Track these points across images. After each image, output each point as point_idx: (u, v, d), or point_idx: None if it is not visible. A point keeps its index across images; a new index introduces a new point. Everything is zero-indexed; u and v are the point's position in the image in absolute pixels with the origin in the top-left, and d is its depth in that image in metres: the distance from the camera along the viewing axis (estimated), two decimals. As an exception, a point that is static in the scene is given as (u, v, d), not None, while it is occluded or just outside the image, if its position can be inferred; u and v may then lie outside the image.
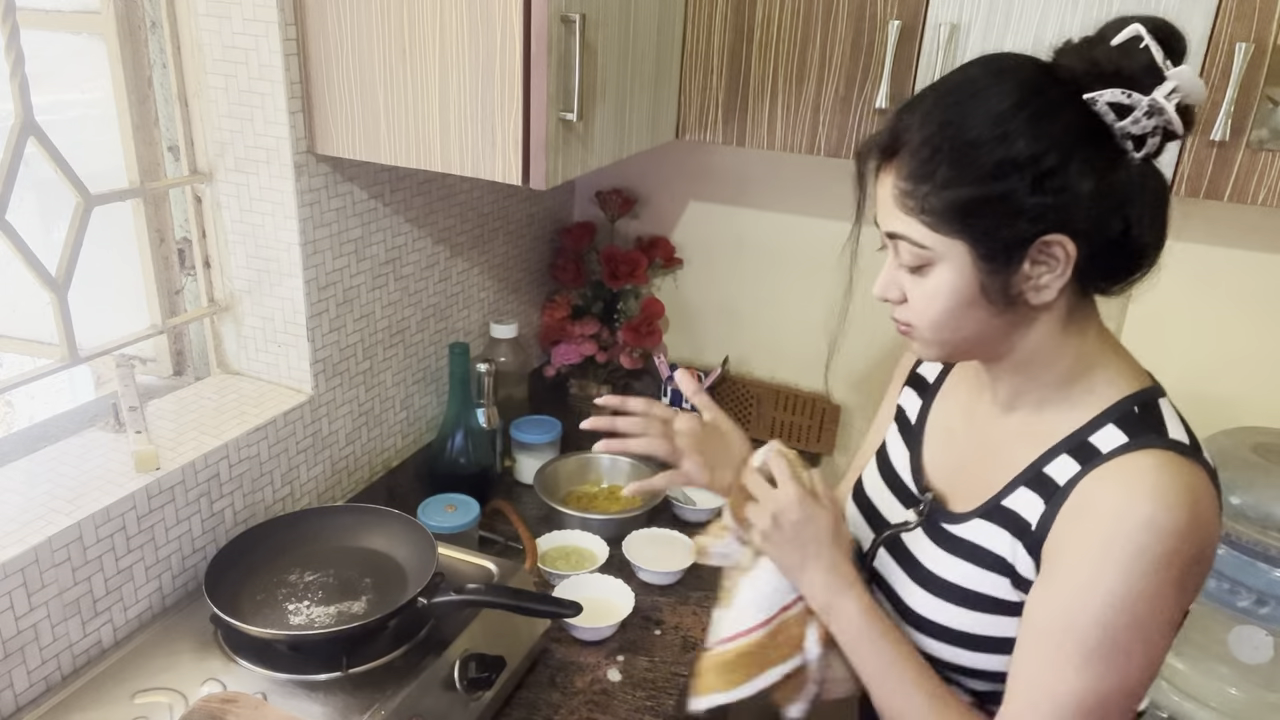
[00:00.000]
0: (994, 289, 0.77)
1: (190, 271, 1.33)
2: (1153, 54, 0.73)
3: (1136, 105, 0.72)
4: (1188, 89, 0.73)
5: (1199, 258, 1.49)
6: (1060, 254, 0.75)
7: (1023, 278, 0.76)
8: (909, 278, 0.80)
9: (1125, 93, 0.72)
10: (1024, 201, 0.73)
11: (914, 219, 0.77)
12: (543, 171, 1.12)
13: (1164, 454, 0.75)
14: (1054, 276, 0.76)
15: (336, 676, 1.03)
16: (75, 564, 1.03)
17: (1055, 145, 0.72)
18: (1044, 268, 0.76)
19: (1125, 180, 0.74)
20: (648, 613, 1.34)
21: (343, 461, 1.42)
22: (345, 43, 1.15)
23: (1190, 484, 0.73)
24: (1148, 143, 0.74)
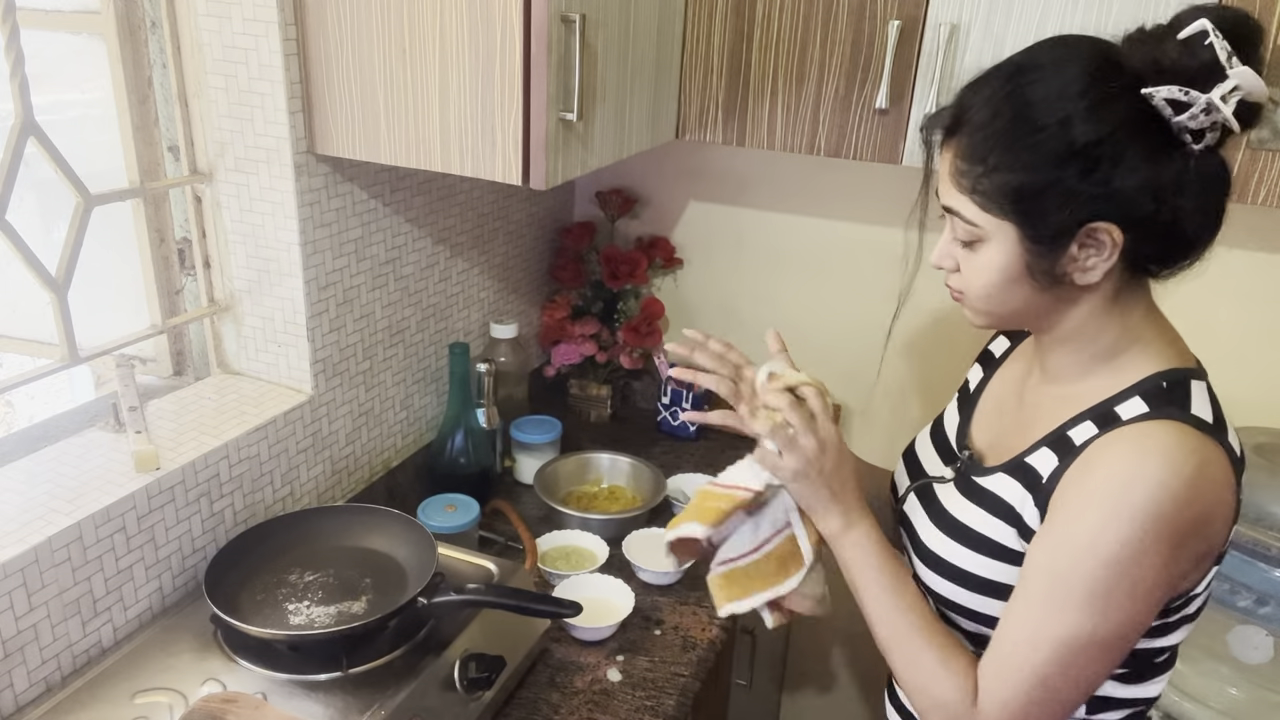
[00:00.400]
0: (1039, 269, 0.79)
1: (190, 271, 1.33)
2: (1216, 51, 0.73)
3: (1194, 102, 0.72)
4: (1248, 88, 0.73)
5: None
6: (1107, 240, 0.76)
7: (1069, 259, 0.78)
8: (961, 250, 0.83)
9: (1183, 90, 0.72)
10: (1073, 189, 0.74)
11: (967, 197, 0.79)
12: (543, 171, 1.12)
13: (1179, 425, 0.76)
14: (1100, 260, 0.78)
15: (336, 676, 1.03)
16: (75, 564, 1.03)
17: (1109, 137, 0.73)
18: (1090, 251, 0.77)
19: (1178, 172, 0.74)
20: (648, 613, 1.34)
21: (343, 461, 1.42)
22: (345, 43, 1.15)
23: (1200, 455, 0.75)
24: (1206, 136, 0.74)
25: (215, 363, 1.37)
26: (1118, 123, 0.73)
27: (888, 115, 1.37)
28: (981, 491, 0.89)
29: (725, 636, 1.33)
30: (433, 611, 1.09)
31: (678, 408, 1.85)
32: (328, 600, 1.11)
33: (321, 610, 1.09)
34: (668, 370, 1.85)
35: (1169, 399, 0.79)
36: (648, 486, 1.60)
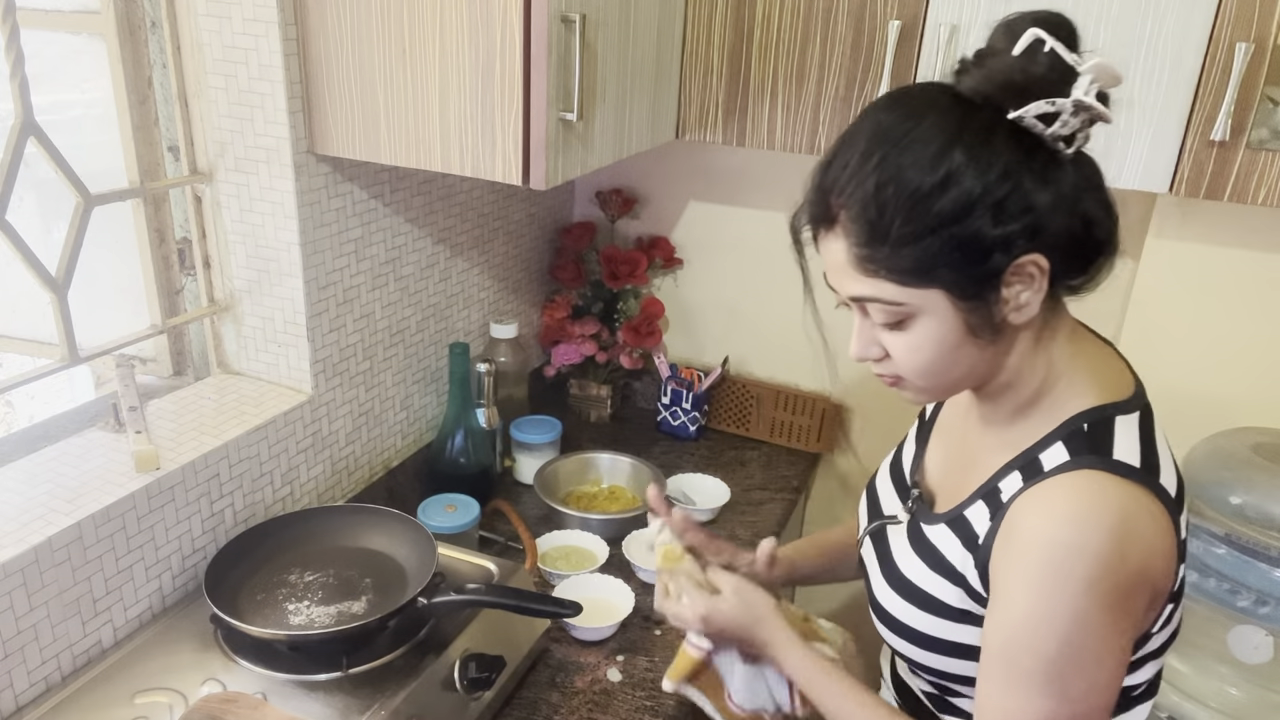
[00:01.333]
0: (980, 324, 0.76)
1: (190, 271, 1.33)
2: (1059, 54, 0.71)
3: (1062, 110, 0.70)
4: (1104, 76, 0.71)
5: (1199, 258, 1.49)
6: (1035, 270, 0.73)
7: (1003, 304, 0.75)
8: (886, 334, 0.79)
9: (1049, 101, 0.70)
10: (990, 235, 0.71)
11: (881, 280, 0.75)
12: (543, 171, 1.12)
13: (1096, 474, 0.73)
14: (1032, 293, 0.75)
15: (336, 676, 1.03)
16: (75, 564, 1.03)
17: (1002, 171, 0.70)
18: (1021, 287, 0.74)
19: (1071, 180, 0.73)
20: (648, 613, 1.34)
21: (343, 461, 1.42)
22: (345, 43, 1.15)
23: (1120, 506, 0.72)
24: (1077, 138, 0.73)
25: (215, 363, 1.37)
26: (1003, 156, 0.71)
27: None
28: (925, 544, 0.86)
29: (725, 636, 1.33)
30: (433, 611, 1.09)
31: (677, 408, 1.85)
32: (328, 600, 1.11)
33: (321, 610, 1.09)
34: (668, 370, 1.85)
35: (1090, 443, 0.75)
36: (648, 486, 1.60)
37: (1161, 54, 1.22)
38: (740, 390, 1.88)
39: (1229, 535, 1.36)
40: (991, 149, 0.70)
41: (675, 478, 1.66)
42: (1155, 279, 1.52)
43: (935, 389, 0.81)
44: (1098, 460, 0.74)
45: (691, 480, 1.66)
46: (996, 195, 0.70)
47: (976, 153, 0.70)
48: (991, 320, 0.75)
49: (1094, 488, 0.72)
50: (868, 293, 0.76)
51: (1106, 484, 0.72)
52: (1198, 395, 1.54)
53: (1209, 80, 1.21)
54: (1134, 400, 0.79)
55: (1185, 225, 1.48)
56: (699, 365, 1.92)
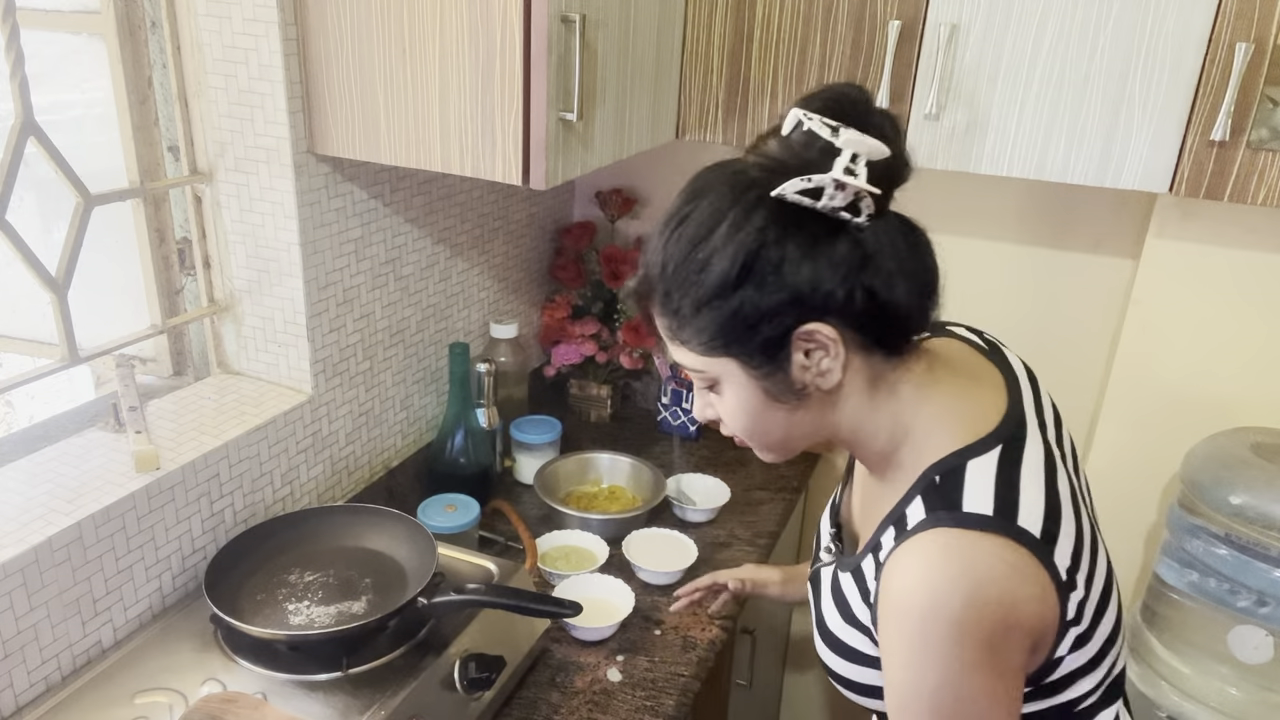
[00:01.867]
0: (777, 390, 0.78)
1: (190, 271, 1.33)
2: (816, 133, 0.73)
3: (824, 185, 0.72)
4: (865, 149, 0.73)
5: (1199, 258, 1.48)
6: (822, 338, 0.75)
7: (801, 369, 0.77)
8: (713, 397, 0.83)
9: (805, 179, 0.72)
10: (759, 305, 0.74)
11: (684, 350, 0.80)
12: (543, 171, 1.12)
13: (945, 532, 0.73)
14: (830, 359, 0.76)
15: (336, 676, 1.03)
16: (75, 564, 1.03)
17: (762, 244, 0.73)
18: (818, 354, 0.76)
19: (852, 248, 0.74)
20: (648, 613, 1.34)
21: (343, 461, 1.42)
22: (345, 43, 1.15)
23: (969, 565, 0.72)
24: (861, 206, 0.73)
25: (215, 363, 1.37)
26: (764, 229, 0.73)
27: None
28: (840, 594, 0.88)
29: (725, 636, 1.33)
30: (433, 611, 1.09)
31: (678, 408, 1.85)
32: (328, 600, 1.11)
33: (321, 610, 1.09)
34: (668, 371, 1.85)
35: (940, 497, 0.76)
36: (648, 486, 1.60)
37: (1161, 54, 1.22)
38: (740, 390, 1.88)
39: (1229, 535, 1.36)
40: (751, 224, 0.73)
41: (675, 478, 1.66)
42: (1155, 279, 1.52)
43: (770, 449, 0.85)
44: (948, 516, 0.74)
45: (691, 480, 1.66)
46: (756, 269, 0.73)
47: (738, 229, 0.74)
48: (791, 386, 0.78)
49: (943, 549, 0.73)
50: (680, 360, 0.82)
51: (956, 542, 0.73)
52: (1198, 395, 1.54)
53: (1209, 80, 1.21)
54: (993, 436, 0.78)
55: (1185, 225, 1.48)
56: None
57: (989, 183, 1.63)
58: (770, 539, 1.55)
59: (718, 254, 0.74)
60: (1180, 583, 1.42)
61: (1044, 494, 0.76)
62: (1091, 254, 1.63)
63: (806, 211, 0.73)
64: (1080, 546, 0.77)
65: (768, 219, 0.73)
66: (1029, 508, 0.75)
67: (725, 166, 0.79)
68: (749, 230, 0.73)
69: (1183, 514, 1.43)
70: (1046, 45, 1.27)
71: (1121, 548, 1.66)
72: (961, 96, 1.33)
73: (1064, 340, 1.67)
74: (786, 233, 0.73)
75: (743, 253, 0.73)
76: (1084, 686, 0.82)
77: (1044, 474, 0.78)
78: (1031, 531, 0.73)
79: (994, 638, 0.71)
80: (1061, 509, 0.77)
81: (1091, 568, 0.78)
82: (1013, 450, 0.78)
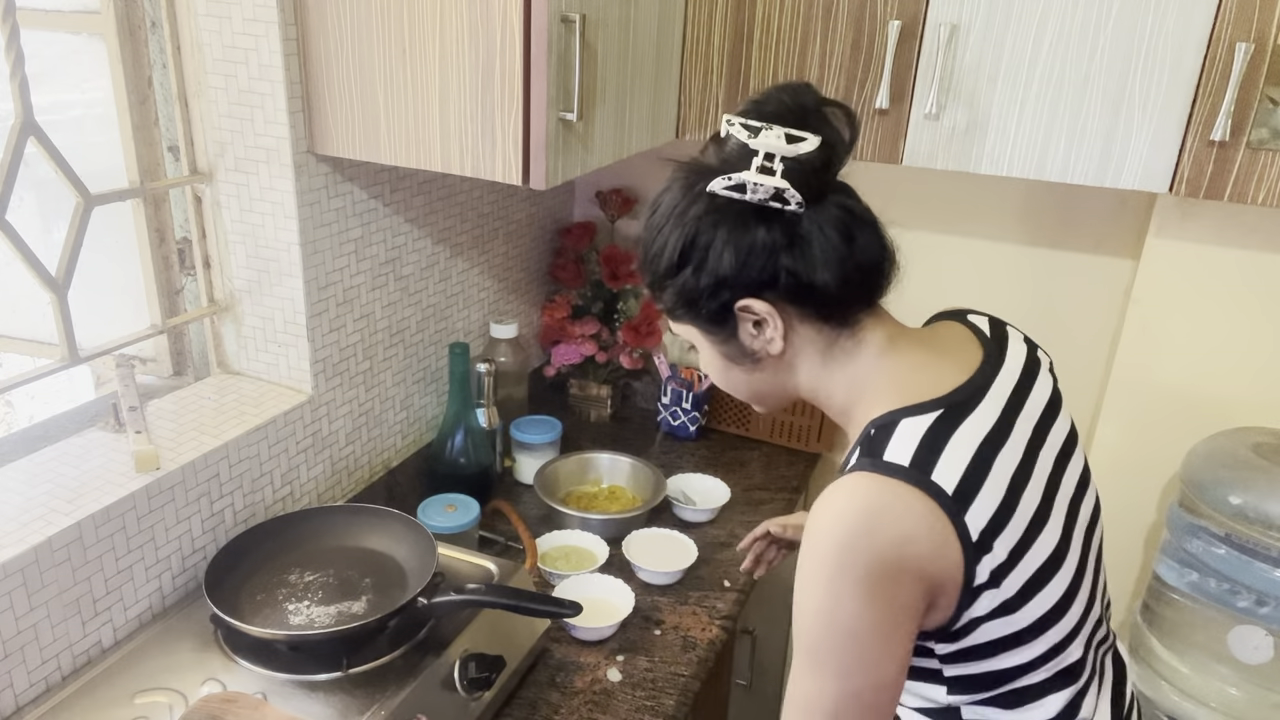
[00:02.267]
0: (733, 353, 0.90)
1: (190, 271, 1.33)
2: (736, 137, 0.84)
3: (745, 183, 0.82)
4: (776, 149, 0.82)
5: (1199, 258, 1.48)
6: (760, 311, 0.85)
7: (749, 336, 0.88)
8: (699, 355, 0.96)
9: (726, 177, 0.83)
10: (696, 286, 0.86)
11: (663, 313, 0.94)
12: (543, 171, 1.12)
13: (859, 476, 0.80)
14: (771, 329, 0.86)
15: (336, 676, 1.03)
16: (75, 564, 1.03)
17: (694, 235, 0.85)
18: (761, 325, 0.86)
19: (780, 233, 0.83)
20: (648, 613, 1.34)
21: (343, 461, 1.42)
22: (345, 43, 1.15)
23: (868, 500, 0.78)
24: (788, 196, 0.82)
25: (215, 363, 1.37)
26: (695, 223, 0.85)
27: (888, 115, 1.37)
28: None
29: (725, 636, 1.33)
30: (433, 611, 1.09)
31: (678, 407, 1.85)
32: (328, 600, 1.11)
33: (321, 610, 1.09)
34: (668, 371, 1.85)
35: (869, 448, 0.83)
36: (648, 486, 1.60)
37: (1161, 54, 1.22)
38: (740, 390, 1.88)
39: (1229, 535, 1.36)
40: (689, 215, 0.85)
41: (675, 478, 1.66)
42: (1155, 279, 1.52)
43: (748, 400, 0.96)
44: (869, 463, 0.81)
45: (691, 480, 1.66)
46: (690, 253, 0.86)
47: (679, 220, 0.86)
48: (744, 350, 0.89)
49: (852, 488, 0.80)
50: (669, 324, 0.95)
51: (863, 482, 0.79)
52: (1198, 395, 1.54)
53: (1209, 80, 1.21)
54: (935, 402, 0.84)
55: (1185, 225, 1.48)
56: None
57: (989, 183, 1.63)
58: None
59: (667, 240, 0.87)
60: (1180, 583, 1.42)
61: (970, 458, 0.81)
62: (1091, 254, 1.63)
63: (739, 203, 0.83)
64: (1006, 517, 0.81)
65: (704, 210, 0.85)
66: (947, 466, 0.80)
67: (685, 164, 0.90)
68: (688, 219, 0.86)
69: (1183, 514, 1.43)
70: (1046, 45, 1.27)
71: (1121, 548, 1.66)
72: (961, 96, 1.33)
73: (1064, 340, 1.67)
74: (718, 222, 0.84)
75: (681, 240, 0.86)
76: (1014, 659, 0.85)
77: (980, 442, 0.82)
78: (943, 487, 0.79)
79: (881, 571, 0.77)
80: (988, 476, 0.81)
81: (1024, 542, 0.82)
82: (952, 416, 0.83)
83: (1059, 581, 0.85)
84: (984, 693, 0.87)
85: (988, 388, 0.87)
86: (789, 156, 0.82)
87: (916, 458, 0.80)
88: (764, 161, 0.82)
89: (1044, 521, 0.84)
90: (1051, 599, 0.84)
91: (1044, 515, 0.84)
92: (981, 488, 0.80)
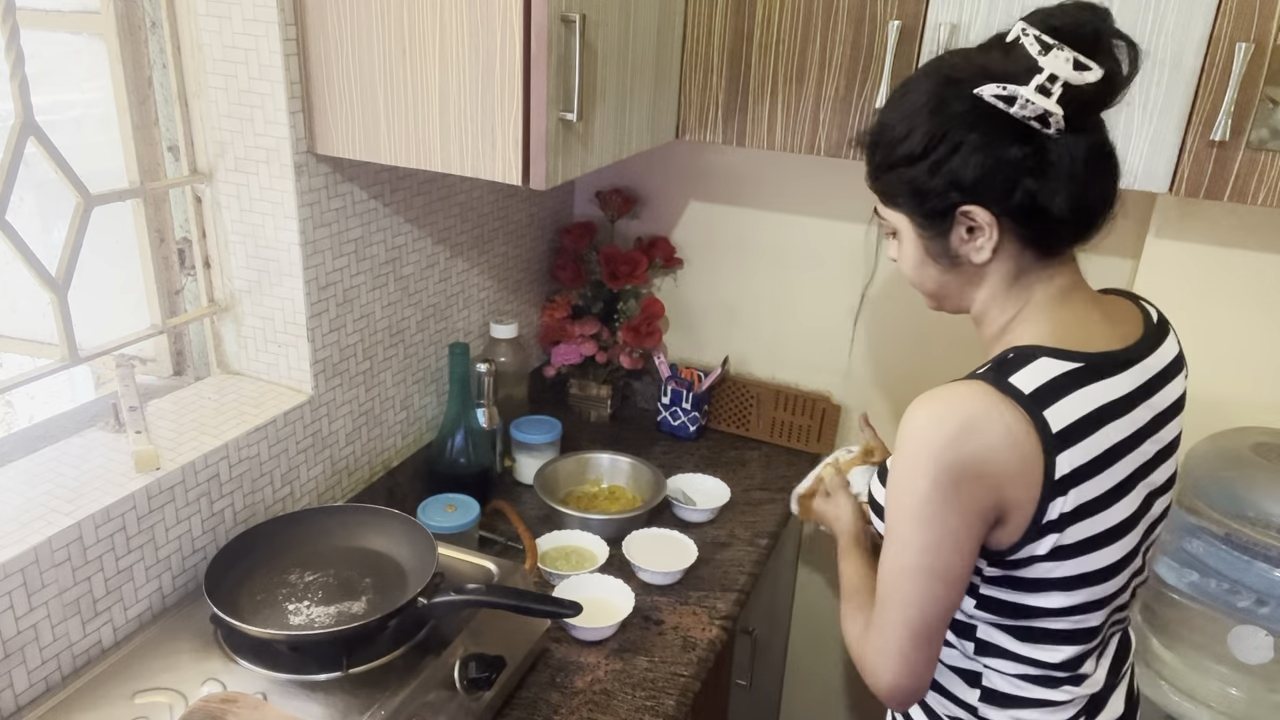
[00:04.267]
0: (936, 250, 0.92)
1: (190, 271, 1.33)
2: (1027, 49, 0.84)
3: (1016, 96, 0.83)
4: (1063, 74, 0.83)
5: (1199, 258, 1.49)
6: (980, 220, 0.87)
7: (959, 241, 0.90)
8: (892, 242, 0.98)
9: (1001, 86, 0.84)
10: (929, 182, 0.88)
11: (877, 198, 0.96)
12: (543, 171, 1.12)
13: (977, 384, 0.85)
14: (985, 240, 0.89)
15: (336, 676, 1.03)
16: (75, 564, 1.03)
17: (946, 135, 0.86)
18: (978, 233, 0.89)
19: (1030, 153, 0.84)
20: (648, 612, 1.35)
21: (343, 461, 1.42)
22: (345, 43, 1.15)
23: (970, 405, 0.84)
24: (1051, 120, 0.83)
25: (215, 363, 1.37)
26: (951, 121, 0.86)
27: None
28: None
29: (725, 636, 1.33)
30: (433, 611, 1.09)
31: (677, 408, 1.85)
32: (328, 600, 1.11)
33: (321, 610, 1.09)
34: (668, 371, 1.86)
35: (999, 366, 0.88)
36: (648, 487, 1.60)
37: (1161, 54, 1.22)
38: (740, 390, 1.88)
39: (1229, 535, 1.36)
40: (946, 113, 0.86)
41: (675, 478, 1.66)
42: (1155, 279, 1.52)
43: (926, 295, 0.99)
44: (991, 376, 0.86)
45: (691, 480, 1.66)
46: (936, 153, 0.87)
47: (934, 115, 0.87)
48: (947, 251, 0.92)
49: (961, 390, 0.85)
50: (877, 206, 0.96)
51: (978, 390, 0.85)
52: (1198, 395, 1.54)
53: (1209, 80, 1.21)
54: (1084, 355, 0.88)
55: (1185, 225, 1.48)
56: (699, 365, 1.92)
57: (989, 183, 1.63)
58: (770, 539, 1.55)
59: (913, 130, 0.88)
60: (1180, 583, 1.42)
61: (1087, 413, 0.86)
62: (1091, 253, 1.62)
63: (1003, 114, 0.84)
64: (1092, 473, 0.87)
65: (964, 110, 0.85)
66: (1063, 409, 0.85)
67: (945, 61, 0.92)
68: (944, 115, 0.86)
69: (1183, 514, 1.43)
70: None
71: (1122, 548, 1.66)
72: (961, 96, 1.33)
73: (1064, 340, 1.67)
74: (974, 126, 0.85)
75: (929, 136, 0.87)
76: (1047, 601, 0.91)
77: (1101, 405, 0.88)
78: (1050, 423, 0.84)
79: (960, 468, 0.83)
80: (1094, 434, 0.86)
81: (1099, 504, 0.88)
82: (1089, 373, 0.88)
83: (1113, 551, 0.91)
84: (1006, 619, 0.94)
85: (1132, 365, 0.92)
86: (1071, 84, 0.83)
87: (1039, 391, 0.85)
88: (1045, 82, 0.82)
89: (1122, 495, 0.90)
90: (1101, 562, 0.90)
91: (1124, 490, 0.90)
92: (1083, 440, 0.86)
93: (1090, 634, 0.96)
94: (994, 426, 0.83)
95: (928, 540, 0.86)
